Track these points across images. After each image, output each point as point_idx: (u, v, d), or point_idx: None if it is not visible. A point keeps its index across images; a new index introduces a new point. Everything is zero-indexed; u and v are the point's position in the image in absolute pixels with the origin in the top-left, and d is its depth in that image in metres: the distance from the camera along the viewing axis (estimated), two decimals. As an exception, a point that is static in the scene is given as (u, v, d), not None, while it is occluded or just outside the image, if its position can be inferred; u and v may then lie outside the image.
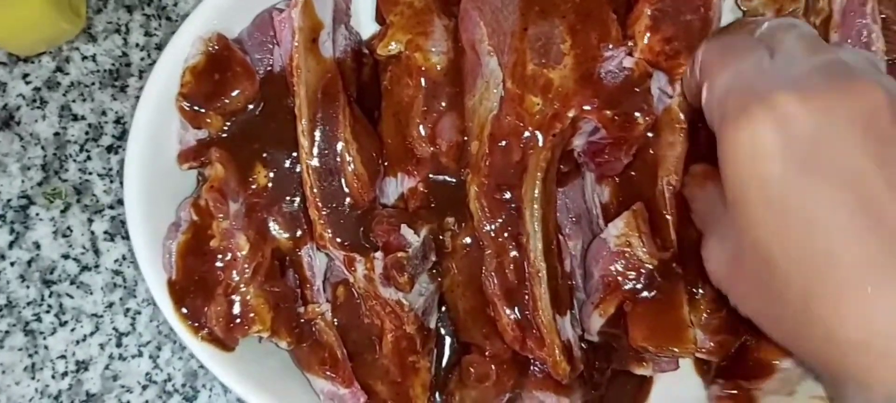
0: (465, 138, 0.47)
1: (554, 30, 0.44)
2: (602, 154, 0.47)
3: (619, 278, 0.49)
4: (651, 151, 0.48)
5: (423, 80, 0.47)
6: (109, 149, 0.56)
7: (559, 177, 0.49)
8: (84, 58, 0.55)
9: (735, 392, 0.52)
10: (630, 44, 0.44)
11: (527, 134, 0.44)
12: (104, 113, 0.56)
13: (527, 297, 0.46)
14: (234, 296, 0.49)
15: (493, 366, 0.50)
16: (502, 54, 0.45)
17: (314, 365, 0.50)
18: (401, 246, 0.46)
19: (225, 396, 0.57)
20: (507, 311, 0.47)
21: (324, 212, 0.47)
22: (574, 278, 0.52)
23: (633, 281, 0.48)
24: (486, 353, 0.51)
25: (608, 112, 0.43)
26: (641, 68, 0.43)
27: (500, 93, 0.45)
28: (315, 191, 0.47)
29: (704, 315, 0.50)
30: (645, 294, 0.49)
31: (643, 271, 0.48)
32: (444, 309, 0.52)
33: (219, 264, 0.49)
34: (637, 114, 0.44)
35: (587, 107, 0.43)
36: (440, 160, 0.47)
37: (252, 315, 0.49)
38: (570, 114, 0.44)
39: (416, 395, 0.49)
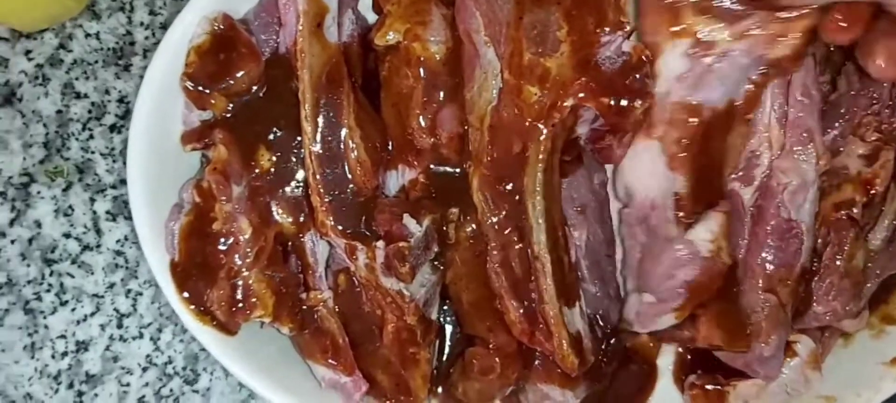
0: (466, 129, 0.46)
1: (549, 16, 0.43)
2: (602, 140, 0.46)
3: (707, 282, 0.47)
4: (716, 143, 0.46)
5: (422, 71, 0.46)
6: (112, 128, 0.55)
7: (562, 167, 0.48)
8: (87, 35, 0.55)
9: (708, 385, 0.52)
10: (628, 27, 0.43)
11: (527, 124, 0.43)
12: (107, 92, 0.55)
13: (533, 290, 0.46)
14: (236, 280, 0.48)
15: (497, 359, 0.50)
16: (499, 44, 0.44)
17: (316, 353, 0.50)
18: (403, 235, 0.45)
19: (226, 379, 0.56)
20: (515, 304, 0.47)
21: (326, 199, 0.46)
22: (580, 269, 0.51)
23: (719, 285, 0.47)
24: (490, 346, 0.50)
25: (605, 99, 0.42)
26: (639, 52, 0.42)
27: (498, 83, 0.44)
28: (318, 177, 0.46)
29: None
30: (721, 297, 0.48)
31: (724, 273, 0.47)
32: (447, 300, 0.52)
33: (221, 247, 0.48)
34: (635, 100, 0.43)
35: (583, 95, 0.42)
36: (441, 151, 0.46)
37: (254, 299, 0.48)
38: (568, 103, 0.43)
39: (417, 387, 0.49)
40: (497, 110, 0.44)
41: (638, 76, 0.43)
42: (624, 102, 0.43)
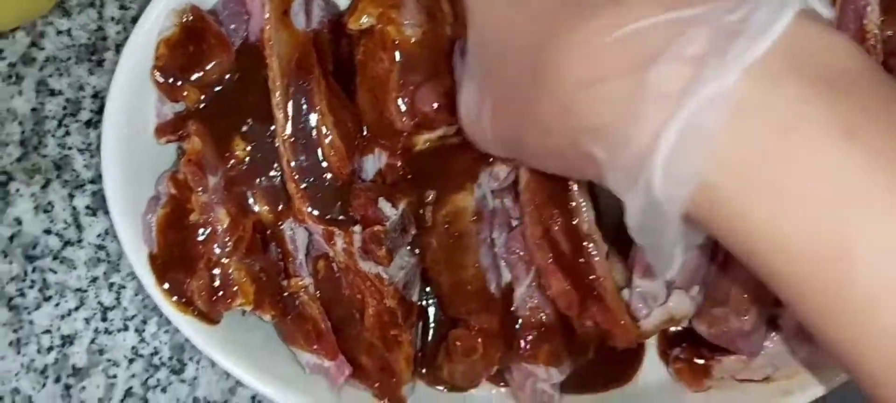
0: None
1: None
2: None
3: None
4: None
5: (397, 54, 0.46)
6: (88, 123, 0.55)
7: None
8: (59, 32, 0.54)
9: (694, 359, 0.52)
10: None
11: None
12: (81, 88, 0.55)
13: (582, 263, 0.46)
14: (215, 270, 0.48)
15: (479, 340, 0.50)
16: None
17: (299, 339, 0.50)
18: (379, 219, 0.45)
19: (212, 368, 0.56)
20: (561, 277, 0.47)
21: (302, 186, 0.46)
22: None
23: None
24: (473, 327, 0.50)
25: None
26: None
27: None
28: (292, 164, 0.46)
29: None
30: None
31: None
32: (428, 283, 0.52)
33: (200, 238, 0.48)
34: None
35: None
36: (431, 122, 0.46)
37: (235, 288, 0.48)
38: None
39: (401, 368, 0.49)
40: None
41: None
42: None
